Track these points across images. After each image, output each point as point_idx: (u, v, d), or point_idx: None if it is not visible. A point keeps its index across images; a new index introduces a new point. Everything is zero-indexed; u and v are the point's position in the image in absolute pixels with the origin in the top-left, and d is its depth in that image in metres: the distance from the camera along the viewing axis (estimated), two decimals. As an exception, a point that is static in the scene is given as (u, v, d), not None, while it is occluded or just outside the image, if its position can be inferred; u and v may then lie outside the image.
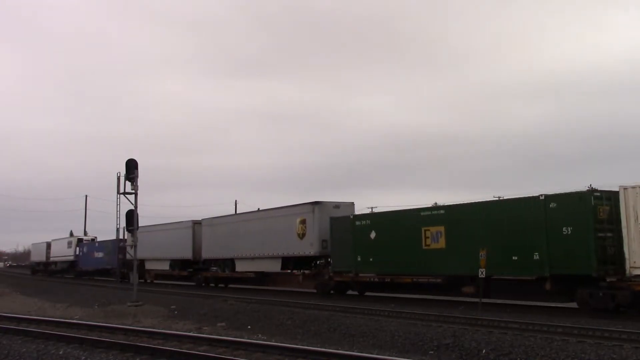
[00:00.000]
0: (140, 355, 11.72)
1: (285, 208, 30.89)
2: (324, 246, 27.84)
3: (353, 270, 26.27)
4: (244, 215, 35.93)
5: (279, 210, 31.36)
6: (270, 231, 31.19)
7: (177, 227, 41.40)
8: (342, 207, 28.73)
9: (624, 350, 11.74)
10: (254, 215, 34.19)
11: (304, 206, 29.25)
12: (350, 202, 29.32)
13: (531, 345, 12.19)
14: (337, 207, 28.67)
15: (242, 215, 36.00)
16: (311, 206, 28.62)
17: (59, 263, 64.69)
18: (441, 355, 12.14)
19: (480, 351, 12.02)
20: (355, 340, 14.21)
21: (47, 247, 69.19)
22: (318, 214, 28.16)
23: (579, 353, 11.32)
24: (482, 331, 14.63)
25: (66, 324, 17.38)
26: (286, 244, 29.75)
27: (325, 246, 27.80)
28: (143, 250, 43.86)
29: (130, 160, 24.11)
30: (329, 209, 28.52)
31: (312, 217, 28.35)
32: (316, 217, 28.15)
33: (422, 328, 15.21)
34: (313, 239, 28.08)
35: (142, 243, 43.52)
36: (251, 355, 11.55)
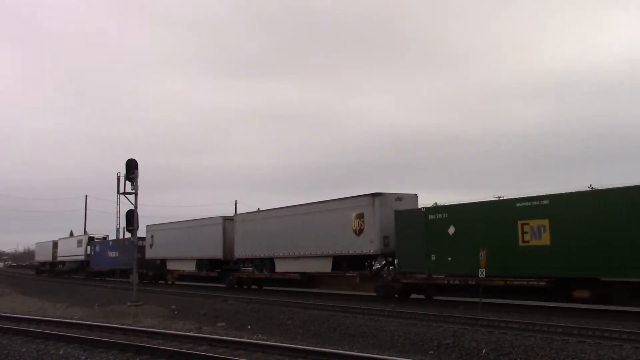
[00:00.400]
0: (140, 355, 11.71)
1: (337, 201, 27.77)
2: (385, 243, 24.73)
3: (425, 271, 23.19)
4: (286, 209, 31.78)
5: (330, 204, 28.11)
6: (320, 227, 28.07)
7: (205, 223, 37.90)
8: (405, 200, 25.59)
9: (624, 350, 11.73)
10: (299, 210, 30.46)
11: (361, 198, 26.08)
12: (413, 194, 26.19)
13: (531, 345, 12.19)
14: (399, 199, 25.53)
15: (284, 210, 31.91)
16: (370, 198, 25.35)
17: (68, 263, 62.02)
18: (441, 355, 12.13)
19: (480, 351, 12.02)
20: (355, 340, 14.21)
21: (54, 247, 66.39)
22: (379, 207, 24.98)
23: (579, 353, 11.32)
24: (482, 331, 14.63)
25: (66, 324, 17.37)
26: (339, 242, 26.67)
27: (387, 243, 24.70)
28: (163, 249, 42.01)
29: (130, 160, 24.11)
30: (391, 201, 25.31)
31: (372, 211, 25.17)
32: (376, 210, 24.98)
33: (422, 328, 15.21)
34: (373, 236, 24.93)
35: (162, 241, 42.10)
36: (251, 355, 11.55)
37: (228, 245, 35.22)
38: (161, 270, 43.34)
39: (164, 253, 42.22)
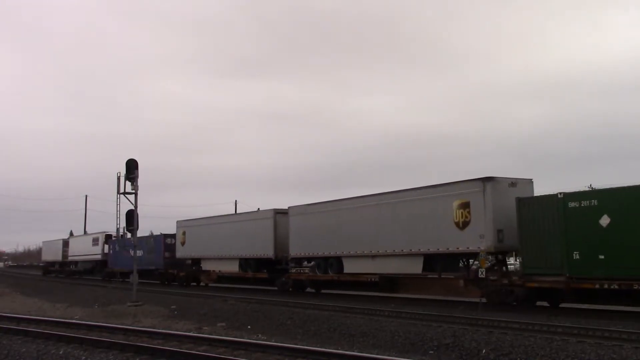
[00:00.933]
0: (140, 355, 11.71)
1: (431, 188, 23.33)
2: (499, 238, 20.65)
3: (564, 273, 18.74)
4: (360, 199, 26.99)
5: (423, 191, 23.64)
6: (407, 220, 23.86)
7: (252, 218, 33.86)
8: (519, 185, 21.60)
9: (624, 350, 11.74)
10: (378, 199, 25.73)
11: (466, 184, 21.92)
12: (528, 179, 22.18)
13: (531, 345, 12.19)
14: (513, 184, 21.45)
15: (356, 200, 27.20)
16: (480, 184, 21.21)
17: (81, 263, 57.69)
18: (441, 355, 12.13)
19: (480, 351, 12.01)
20: (355, 340, 14.20)
21: (64, 245, 62.16)
22: (490, 194, 20.88)
23: (579, 353, 11.32)
24: (482, 331, 14.63)
25: (66, 324, 17.37)
26: (435, 237, 22.53)
27: (502, 239, 20.67)
28: (198, 247, 38.05)
29: (130, 160, 24.11)
30: (504, 187, 21.24)
31: (482, 199, 21.02)
32: (488, 198, 20.85)
33: (422, 328, 15.21)
34: (484, 229, 20.81)
35: (197, 238, 38.21)
36: (251, 355, 11.55)
37: (280, 243, 31.09)
38: (194, 271, 39.64)
39: (199, 251, 38.24)
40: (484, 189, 21.05)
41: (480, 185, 21.19)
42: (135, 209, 24.35)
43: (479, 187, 21.24)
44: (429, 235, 22.77)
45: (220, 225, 36.50)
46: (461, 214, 21.73)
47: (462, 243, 21.68)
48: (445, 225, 22.08)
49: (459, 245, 21.85)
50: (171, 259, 40.66)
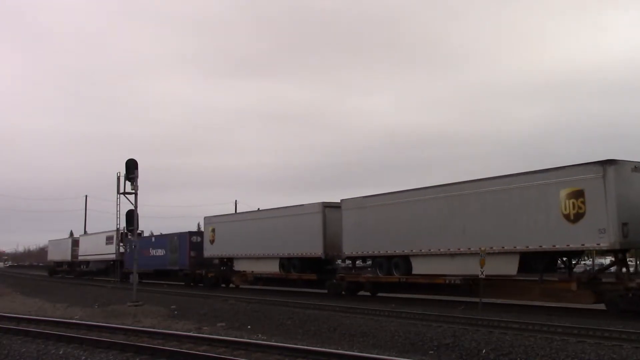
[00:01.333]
0: (140, 355, 11.71)
1: (533, 174, 20.22)
2: (624, 233, 17.75)
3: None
4: (434, 189, 23.60)
5: (521, 178, 20.49)
6: (500, 212, 20.70)
7: (296, 212, 30.11)
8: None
9: (624, 350, 11.74)
10: (460, 188, 22.46)
11: (579, 169, 18.97)
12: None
13: (531, 345, 12.19)
14: (636, 169, 18.53)
15: (430, 190, 23.72)
16: (599, 168, 18.19)
17: (93, 263, 54.05)
18: (441, 355, 12.13)
19: (480, 351, 12.01)
20: (355, 340, 14.20)
21: (74, 244, 58.16)
22: (613, 180, 17.91)
23: (579, 353, 11.32)
24: (482, 331, 14.63)
25: (66, 324, 17.36)
26: (535, 232, 19.54)
27: (627, 233, 17.79)
28: (230, 245, 34.81)
29: (130, 160, 24.11)
30: (627, 172, 18.32)
31: (601, 187, 18.03)
32: (610, 185, 17.91)
33: (422, 328, 15.21)
34: (604, 223, 17.84)
35: (229, 236, 34.83)
36: (251, 355, 11.54)
37: (330, 240, 27.68)
38: (224, 272, 36.70)
39: (231, 250, 34.96)
40: (604, 174, 18.01)
41: (599, 170, 18.17)
42: (135, 209, 24.35)
43: (598, 173, 18.22)
44: (527, 230, 19.83)
45: (257, 221, 33.39)
46: (572, 205, 18.67)
47: (573, 239, 18.69)
48: (550, 218, 19.21)
49: (570, 241, 18.84)
50: (197, 259, 37.74)
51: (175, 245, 40.42)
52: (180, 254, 39.62)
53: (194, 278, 38.57)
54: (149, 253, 43.13)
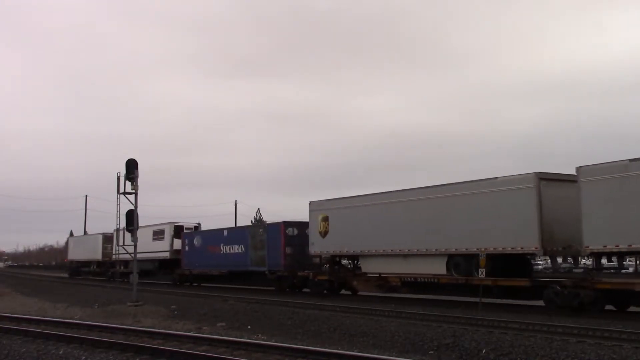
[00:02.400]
0: (140, 355, 11.71)
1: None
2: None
3: None
4: None
5: None
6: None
7: (482, 189, 21.55)
8: None
9: (624, 350, 11.74)
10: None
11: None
12: None
13: (531, 345, 12.20)
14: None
15: None
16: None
17: (139, 262, 42.04)
18: (441, 355, 12.13)
19: (480, 351, 12.02)
20: (355, 340, 14.20)
21: (106, 241, 49.15)
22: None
23: (579, 353, 11.32)
24: (482, 331, 14.64)
25: (66, 324, 17.37)
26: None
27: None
28: (348, 237, 26.38)
29: (130, 160, 24.11)
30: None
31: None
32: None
33: (422, 328, 15.22)
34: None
35: (346, 225, 26.56)
36: (251, 355, 11.55)
37: (550, 227, 19.58)
38: (344, 274, 28.34)
39: (356, 244, 26.26)
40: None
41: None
42: (135, 209, 24.35)
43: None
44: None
45: (408, 204, 24.01)
46: None
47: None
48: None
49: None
50: (296, 257, 30.10)
51: (260, 240, 32.27)
52: (269, 251, 31.40)
53: (292, 282, 30.40)
54: (218, 250, 35.63)
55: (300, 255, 30.04)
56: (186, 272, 39.50)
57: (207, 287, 37.05)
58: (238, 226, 37.94)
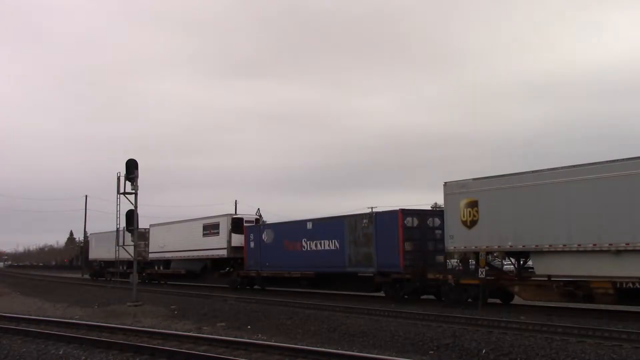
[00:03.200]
0: (140, 355, 11.71)
1: None
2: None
3: None
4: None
5: None
6: None
7: None
8: None
9: (624, 350, 11.74)
10: None
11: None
12: None
13: (531, 345, 12.19)
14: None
15: None
16: None
17: (178, 262, 39.40)
18: (441, 355, 12.13)
19: (480, 351, 12.02)
20: (355, 340, 14.20)
21: (141, 237, 40.05)
22: None
23: (579, 353, 11.32)
24: (482, 331, 14.64)
25: (66, 324, 17.37)
26: None
27: None
28: (509, 229, 19.95)
29: (130, 160, 24.12)
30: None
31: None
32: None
33: (422, 328, 15.22)
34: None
35: (507, 213, 20.07)
36: (251, 355, 11.55)
37: None
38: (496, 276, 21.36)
39: (525, 236, 19.51)
40: None
41: None
42: (135, 209, 24.35)
43: None
44: None
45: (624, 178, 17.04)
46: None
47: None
48: None
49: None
50: (415, 255, 23.81)
51: (365, 234, 25.36)
52: (379, 248, 24.65)
53: (413, 288, 23.56)
54: (299, 247, 29.15)
55: (421, 253, 24.03)
56: (251, 273, 32.61)
57: (284, 292, 30.67)
58: (330, 216, 29.37)
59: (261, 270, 31.94)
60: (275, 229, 31.84)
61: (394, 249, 24.02)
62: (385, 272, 24.53)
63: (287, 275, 30.17)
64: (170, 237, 40.16)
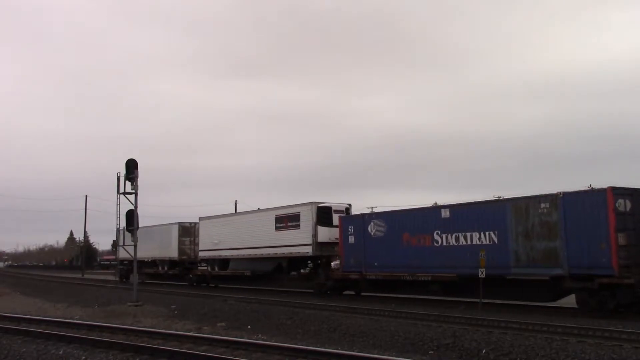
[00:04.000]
0: (140, 355, 11.71)
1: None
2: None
3: None
4: None
5: None
6: None
7: None
8: None
9: (624, 350, 11.75)
10: None
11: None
12: None
13: (531, 345, 12.19)
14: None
15: None
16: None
17: (242, 262, 33.69)
18: (441, 355, 12.13)
19: (480, 351, 12.02)
20: (355, 340, 14.20)
21: (183, 233, 38.01)
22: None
23: (579, 353, 11.32)
24: (482, 331, 14.64)
25: (66, 324, 17.37)
26: None
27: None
28: None
29: (130, 160, 24.11)
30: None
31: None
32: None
33: (422, 328, 15.21)
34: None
35: None
36: (251, 355, 11.55)
37: None
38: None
39: None
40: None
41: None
42: (135, 209, 24.34)
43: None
44: None
45: None
46: None
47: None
48: None
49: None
50: (636, 250, 17.88)
51: (544, 222, 19.49)
52: (570, 241, 18.72)
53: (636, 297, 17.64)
54: (428, 241, 23.13)
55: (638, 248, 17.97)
56: (352, 275, 26.65)
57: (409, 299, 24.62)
58: (480, 200, 22.76)
59: (366, 272, 25.77)
60: (389, 219, 25.45)
61: (600, 242, 17.89)
62: (583, 276, 18.26)
63: (409, 279, 23.79)
64: (229, 232, 34.25)
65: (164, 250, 39.74)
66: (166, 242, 39.53)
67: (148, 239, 38.74)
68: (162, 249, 39.89)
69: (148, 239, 38.74)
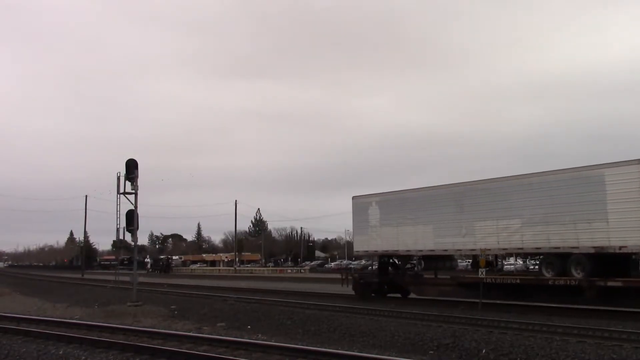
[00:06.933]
0: (140, 355, 11.71)
1: None
2: None
3: None
4: None
5: None
6: None
7: None
8: None
9: (624, 350, 11.75)
10: None
11: None
12: None
13: (531, 345, 12.19)
14: None
15: None
16: None
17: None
18: (441, 355, 12.13)
19: (480, 351, 12.02)
20: (355, 340, 14.20)
21: None
22: None
23: (579, 353, 11.32)
24: (482, 331, 14.63)
25: (66, 324, 17.36)
26: None
27: None
28: None
29: (130, 160, 24.08)
30: None
31: None
32: None
33: (422, 328, 15.21)
34: None
35: None
36: (251, 355, 11.54)
37: None
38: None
39: None
40: None
41: None
42: (135, 209, 24.31)
43: None
44: None
45: None
46: None
47: None
48: None
49: None
50: None
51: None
52: None
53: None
54: None
55: None
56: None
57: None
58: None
59: None
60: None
61: None
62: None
63: None
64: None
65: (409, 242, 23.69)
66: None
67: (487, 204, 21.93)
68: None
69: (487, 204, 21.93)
